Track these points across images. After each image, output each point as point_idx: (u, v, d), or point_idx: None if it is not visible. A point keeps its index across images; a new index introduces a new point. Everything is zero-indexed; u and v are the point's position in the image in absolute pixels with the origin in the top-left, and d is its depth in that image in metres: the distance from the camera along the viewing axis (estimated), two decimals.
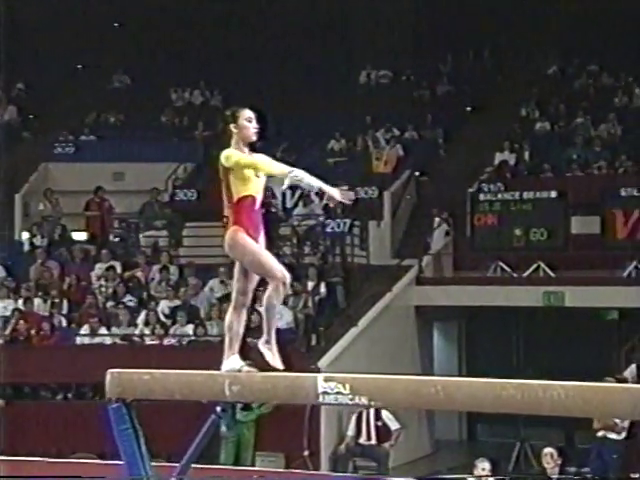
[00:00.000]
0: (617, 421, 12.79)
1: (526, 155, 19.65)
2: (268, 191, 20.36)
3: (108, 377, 6.56)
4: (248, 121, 6.13)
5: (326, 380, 6.07)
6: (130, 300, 16.95)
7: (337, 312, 16.53)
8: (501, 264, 16.53)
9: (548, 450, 10.06)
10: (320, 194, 6.60)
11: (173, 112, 24.37)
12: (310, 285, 16.73)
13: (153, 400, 6.56)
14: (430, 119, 22.03)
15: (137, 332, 16.06)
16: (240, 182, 6.07)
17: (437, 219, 17.86)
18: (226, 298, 16.76)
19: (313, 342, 15.84)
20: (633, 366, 14.27)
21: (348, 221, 17.68)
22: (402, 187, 19.76)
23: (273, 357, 6.16)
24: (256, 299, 6.59)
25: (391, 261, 18.15)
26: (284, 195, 20.16)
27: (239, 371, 6.14)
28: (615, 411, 5.69)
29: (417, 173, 20.31)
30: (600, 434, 12.87)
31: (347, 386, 6.05)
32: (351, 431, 14.50)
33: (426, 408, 6.16)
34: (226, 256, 19.77)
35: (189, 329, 15.88)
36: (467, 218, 17.62)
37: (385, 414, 14.49)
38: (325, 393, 6.07)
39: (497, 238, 16.42)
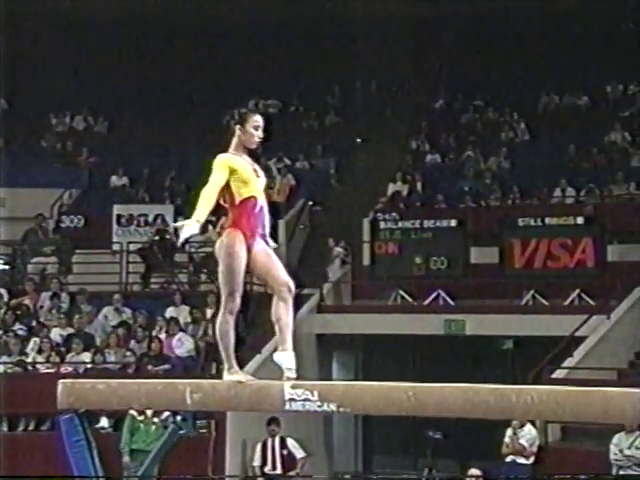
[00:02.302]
0: (526, 445, 12.97)
1: (418, 186, 19.89)
2: (159, 217, 20.14)
3: (60, 387, 6.34)
4: (255, 128, 6.10)
5: (294, 387, 6.01)
6: (20, 328, 16.38)
7: (237, 340, 16.28)
8: (401, 292, 16.61)
9: (474, 471, 10.08)
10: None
11: (55, 137, 23.83)
12: (209, 313, 16.47)
13: None
14: (320, 149, 22.11)
15: (29, 360, 15.52)
16: (241, 184, 6.00)
17: (336, 248, 17.85)
18: (121, 326, 16.39)
19: (213, 370, 15.56)
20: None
21: None
22: (296, 216, 19.72)
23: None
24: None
25: None
26: (176, 222, 19.84)
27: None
28: (587, 414, 5.71)
29: (310, 202, 20.31)
30: (509, 459, 13.02)
31: (315, 393, 6.00)
32: (257, 460, 14.27)
33: (397, 414, 6.08)
34: (118, 284, 19.13)
35: (85, 357, 15.42)
36: (363, 247, 17.70)
37: (290, 442, 14.34)
38: (292, 400, 6.01)
39: (397, 266, 16.49)
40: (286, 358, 6.09)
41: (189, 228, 5.80)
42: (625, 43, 22.05)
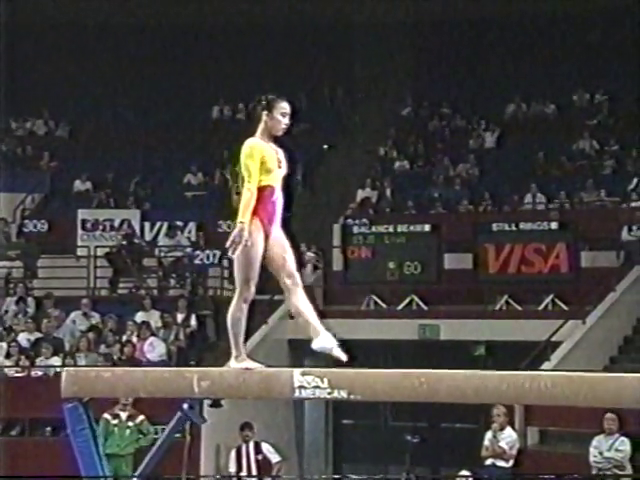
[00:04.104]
0: (506, 448, 12.89)
1: (388, 192, 19.83)
2: (125, 222, 19.90)
3: (64, 375, 6.29)
4: (282, 115, 6.07)
5: (303, 374, 5.96)
6: None
7: (208, 345, 16.14)
8: (374, 297, 16.51)
9: (464, 472, 9.99)
10: None
11: (15, 142, 23.49)
12: (180, 317, 16.30)
13: None
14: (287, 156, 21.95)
15: None
16: (263, 172, 5.93)
17: (308, 253, 17.71)
18: (91, 330, 16.14)
19: None
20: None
21: (218, 252, 17.33)
22: None
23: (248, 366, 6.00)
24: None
25: (255, 296, 17.87)
26: (142, 227, 19.68)
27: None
28: (601, 400, 5.74)
29: None
30: (488, 462, 12.92)
31: (326, 380, 5.91)
32: (232, 467, 14.05)
33: (409, 400, 6.00)
34: (85, 288, 18.77)
35: (54, 361, 15.16)
36: (333, 252, 17.59)
37: (265, 447, 14.14)
38: (302, 387, 5.96)
39: (371, 271, 16.38)
40: (326, 340, 6.01)
41: (241, 232, 5.73)
42: (591, 52, 22.24)
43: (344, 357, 5.94)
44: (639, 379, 5.88)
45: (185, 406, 6.29)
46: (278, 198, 6.02)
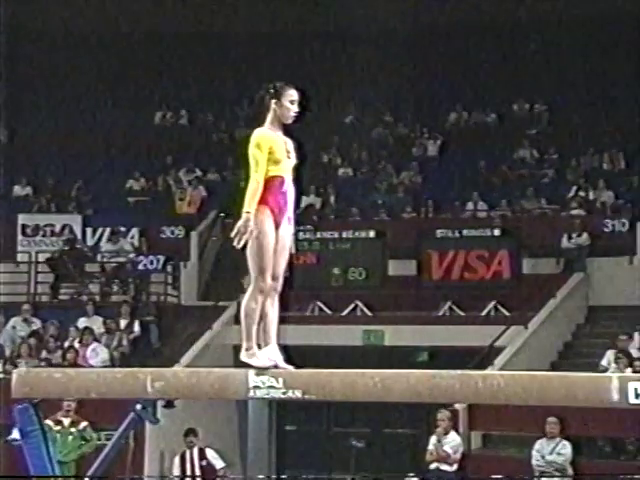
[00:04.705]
0: (450, 453, 12.99)
1: (332, 199, 19.90)
2: (67, 228, 19.70)
3: (14, 376, 6.24)
4: (291, 103, 5.92)
5: (258, 374, 5.91)
6: None
7: (152, 351, 16.06)
8: (319, 303, 16.54)
9: (410, 477, 10.06)
10: None
11: None
12: (123, 323, 16.20)
13: None
14: (231, 161, 21.93)
15: None
16: (272, 163, 5.81)
17: None
18: (32, 336, 15.96)
19: None
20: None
21: (162, 258, 17.25)
22: (208, 228, 19.50)
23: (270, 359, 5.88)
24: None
25: (199, 302, 17.87)
26: (84, 232, 19.52)
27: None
28: (552, 398, 5.83)
29: (222, 214, 20.11)
30: (433, 466, 13.01)
31: (280, 380, 5.90)
32: (176, 472, 13.97)
33: (363, 400, 6.03)
34: (26, 294, 18.46)
35: None
36: None
37: (210, 453, 14.08)
38: (257, 387, 5.94)
39: (315, 277, 16.40)
40: (273, 353, 5.96)
41: (247, 223, 5.69)
42: (530, 63, 22.54)
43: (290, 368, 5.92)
44: (589, 378, 6.01)
45: (138, 407, 6.25)
46: (289, 189, 5.91)
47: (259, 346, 5.95)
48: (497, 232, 16.40)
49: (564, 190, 19.21)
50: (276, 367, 5.92)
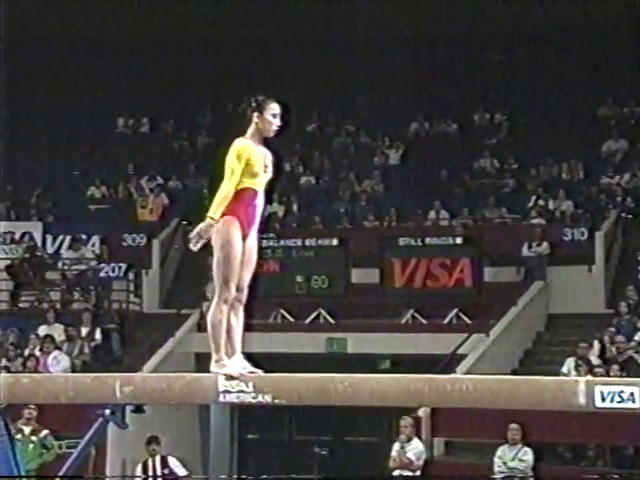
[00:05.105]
0: (413, 459, 13.04)
1: (294, 207, 19.93)
2: (27, 235, 19.56)
3: None
4: (273, 116, 5.99)
5: (227, 378, 5.91)
6: None
7: (114, 359, 15.99)
8: (282, 311, 16.55)
9: None
10: None
11: None
12: (84, 331, 16.12)
13: None
14: (193, 169, 21.92)
15: None
16: (247, 175, 5.88)
17: None
18: None
19: None
20: None
21: (124, 266, 17.19)
22: (170, 236, 19.46)
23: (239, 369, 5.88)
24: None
25: (161, 309, 17.83)
26: (44, 239, 19.41)
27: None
28: (519, 402, 5.89)
29: (184, 222, 20.06)
30: (396, 473, 13.05)
31: (250, 384, 5.92)
32: None
33: (333, 404, 6.05)
34: None
35: None
36: None
37: (172, 461, 14.00)
38: (226, 392, 5.94)
39: (278, 285, 16.41)
40: (237, 363, 5.96)
41: (208, 228, 5.72)
42: (491, 74, 22.74)
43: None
44: (556, 382, 6.08)
45: (107, 412, 6.22)
46: (259, 203, 5.96)
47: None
48: (459, 240, 16.51)
49: (524, 199, 19.39)
50: (251, 373, 5.91)
